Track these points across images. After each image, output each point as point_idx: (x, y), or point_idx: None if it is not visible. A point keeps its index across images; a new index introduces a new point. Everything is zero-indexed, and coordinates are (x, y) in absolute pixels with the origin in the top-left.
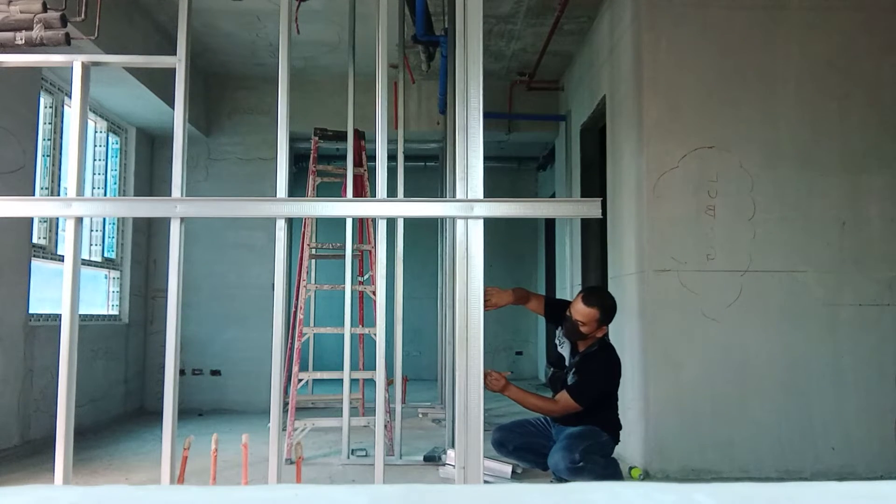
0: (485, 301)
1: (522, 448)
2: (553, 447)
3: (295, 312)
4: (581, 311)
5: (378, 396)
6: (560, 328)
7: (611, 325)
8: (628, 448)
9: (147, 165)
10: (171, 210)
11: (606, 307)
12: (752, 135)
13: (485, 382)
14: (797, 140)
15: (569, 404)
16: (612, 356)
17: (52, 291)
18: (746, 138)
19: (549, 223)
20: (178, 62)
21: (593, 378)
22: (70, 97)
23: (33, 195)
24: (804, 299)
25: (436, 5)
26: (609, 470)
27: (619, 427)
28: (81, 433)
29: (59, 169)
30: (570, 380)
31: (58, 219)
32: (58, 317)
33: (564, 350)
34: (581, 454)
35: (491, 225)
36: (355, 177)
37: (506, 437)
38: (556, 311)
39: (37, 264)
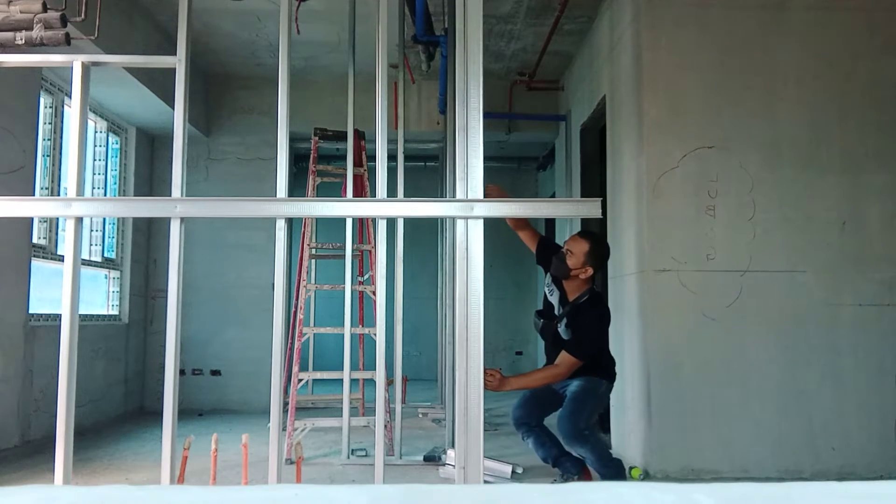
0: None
1: (544, 423)
2: (559, 414)
3: (295, 312)
4: (573, 242)
5: (378, 396)
6: (548, 274)
7: (611, 326)
8: (628, 448)
9: (147, 165)
10: (171, 210)
11: (598, 246)
12: (752, 135)
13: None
14: (797, 140)
15: (572, 362)
16: (604, 307)
17: (52, 291)
18: (746, 138)
19: (549, 223)
20: (178, 62)
21: (589, 331)
22: (70, 97)
23: (33, 195)
24: (804, 299)
25: (436, 5)
26: (612, 470)
27: (613, 362)
28: (81, 433)
29: (59, 169)
30: (562, 331)
31: (58, 219)
32: (58, 317)
33: (554, 298)
34: (584, 422)
35: (491, 225)
36: (355, 177)
37: (526, 413)
38: (548, 253)
39: (37, 264)
